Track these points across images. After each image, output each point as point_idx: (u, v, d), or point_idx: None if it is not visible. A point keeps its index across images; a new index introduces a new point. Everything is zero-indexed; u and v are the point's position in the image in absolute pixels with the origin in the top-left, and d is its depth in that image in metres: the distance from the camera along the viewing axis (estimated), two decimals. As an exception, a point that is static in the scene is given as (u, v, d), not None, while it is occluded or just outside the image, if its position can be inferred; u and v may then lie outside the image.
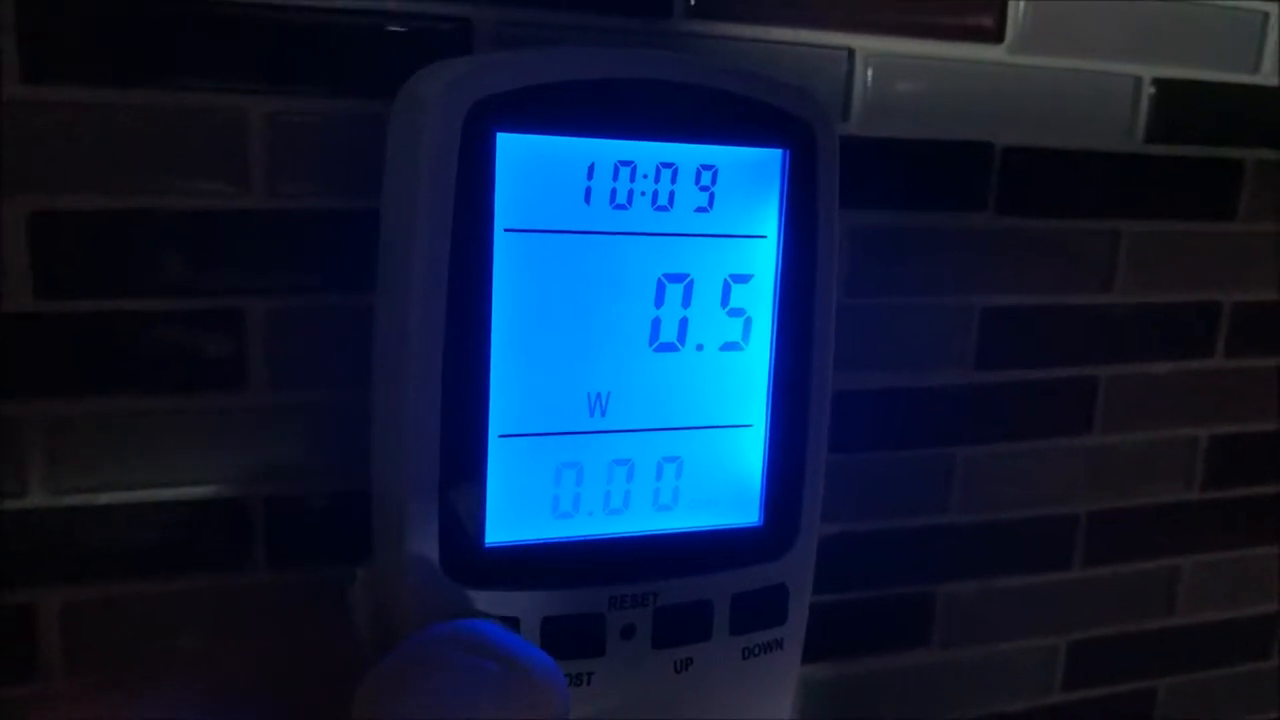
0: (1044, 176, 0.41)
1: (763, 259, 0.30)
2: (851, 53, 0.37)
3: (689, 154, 0.29)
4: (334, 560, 0.35)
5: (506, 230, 0.27)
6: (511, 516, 0.28)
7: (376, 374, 0.30)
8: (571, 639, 0.29)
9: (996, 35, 0.39)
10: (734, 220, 0.30)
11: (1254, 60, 0.43)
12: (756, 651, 0.31)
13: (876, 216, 0.39)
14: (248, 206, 0.32)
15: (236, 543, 0.34)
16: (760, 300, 0.30)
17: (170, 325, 0.32)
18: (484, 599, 0.28)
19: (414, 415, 0.27)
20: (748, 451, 0.31)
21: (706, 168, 0.29)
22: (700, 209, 0.29)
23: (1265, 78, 0.44)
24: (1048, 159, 0.41)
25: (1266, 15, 0.43)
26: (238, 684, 0.25)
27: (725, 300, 0.30)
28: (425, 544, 0.27)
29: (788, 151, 0.30)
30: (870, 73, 0.38)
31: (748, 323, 0.30)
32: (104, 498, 0.33)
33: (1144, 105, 0.42)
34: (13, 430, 0.32)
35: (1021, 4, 0.39)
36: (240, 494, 0.34)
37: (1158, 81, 0.42)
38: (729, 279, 0.30)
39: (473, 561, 0.28)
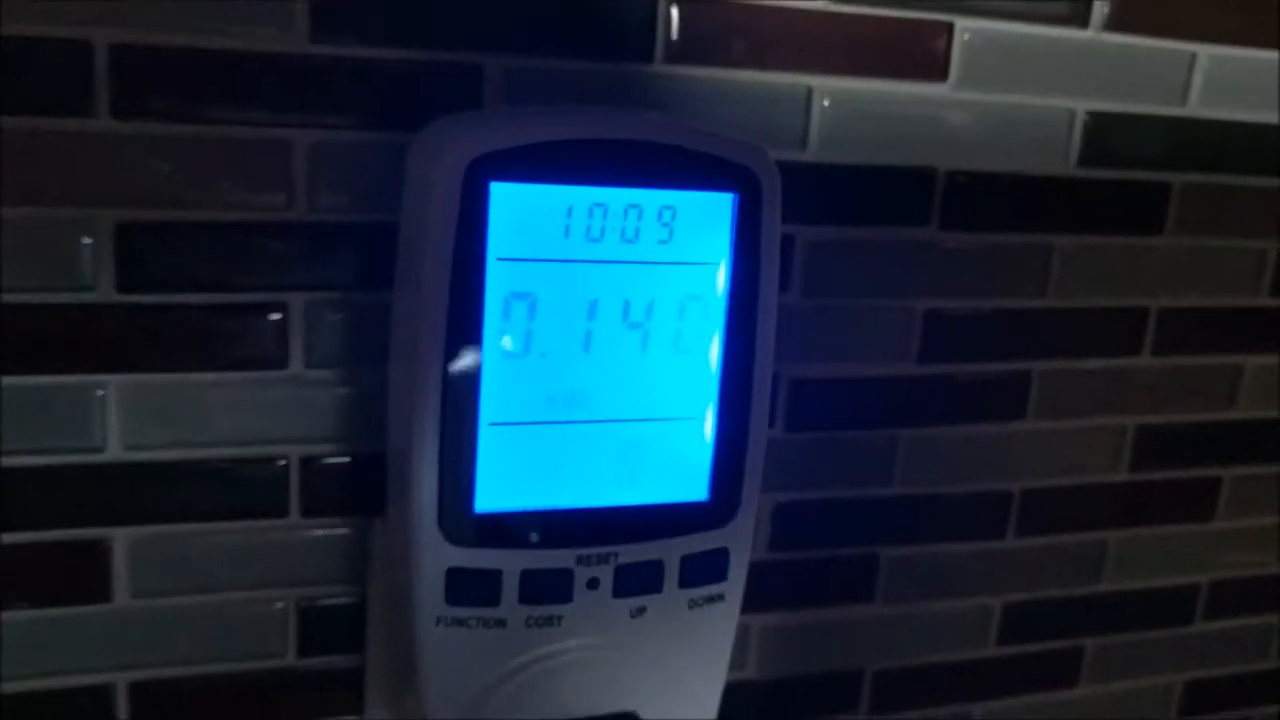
0: (983, 197, 0.46)
1: (714, 281, 0.36)
2: (810, 90, 0.43)
3: (652, 197, 0.34)
4: (356, 512, 0.42)
5: (498, 259, 0.33)
6: (498, 489, 0.35)
7: (391, 366, 0.36)
8: (545, 588, 0.35)
9: (941, 73, 0.44)
10: (690, 250, 0.35)
11: (1181, 94, 0.48)
12: (701, 603, 0.38)
13: (831, 231, 0.44)
14: (292, 219, 0.38)
15: (275, 495, 0.41)
16: (712, 315, 0.36)
17: (226, 314, 0.39)
18: (473, 556, 0.34)
19: (419, 405, 0.33)
20: (698, 439, 0.37)
21: (667, 208, 0.35)
22: (662, 241, 0.35)
23: (1193, 110, 0.48)
24: (987, 182, 0.46)
25: (1194, 55, 0.48)
26: None
27: (681, 315, 0.36)
28: (426, 510, 0.34)
29: (737, 195, 0.35)
30: (826, 106, 0.43)
31: (700, 333, 0.36)
32: (168, 454, 0.39)
33: (1077, 134, 0.47)
34: (97, 397, 0.38)
35: (964, 44, 0.44)
36: (279, 454, 0.41)
37: (1091, 113, 0.47)
38: (684, 298, 0.36)
39: (465, 525, 0.34)
